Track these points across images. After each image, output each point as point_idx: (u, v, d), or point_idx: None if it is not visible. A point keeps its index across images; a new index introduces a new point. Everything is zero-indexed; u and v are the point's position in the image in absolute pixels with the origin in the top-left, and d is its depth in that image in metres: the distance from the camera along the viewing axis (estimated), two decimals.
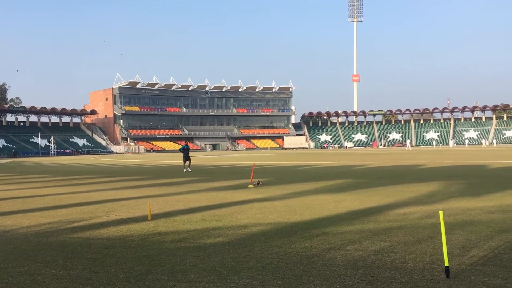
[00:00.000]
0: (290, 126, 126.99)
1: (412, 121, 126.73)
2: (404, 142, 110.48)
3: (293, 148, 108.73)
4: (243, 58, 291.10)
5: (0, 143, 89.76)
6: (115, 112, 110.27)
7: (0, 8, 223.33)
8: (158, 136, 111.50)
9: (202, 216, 9.34)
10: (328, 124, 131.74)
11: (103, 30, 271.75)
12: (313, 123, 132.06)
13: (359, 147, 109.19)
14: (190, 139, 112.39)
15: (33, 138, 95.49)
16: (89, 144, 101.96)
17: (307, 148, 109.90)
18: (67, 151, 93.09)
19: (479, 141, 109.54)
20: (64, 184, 18.78)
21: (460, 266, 5.29)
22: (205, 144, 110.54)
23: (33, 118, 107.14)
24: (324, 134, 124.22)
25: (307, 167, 27.73)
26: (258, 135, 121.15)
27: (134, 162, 44.12)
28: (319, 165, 30.12)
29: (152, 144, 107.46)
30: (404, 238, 6.79)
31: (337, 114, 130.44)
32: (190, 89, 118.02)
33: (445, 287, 4.61)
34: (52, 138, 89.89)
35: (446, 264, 4.91)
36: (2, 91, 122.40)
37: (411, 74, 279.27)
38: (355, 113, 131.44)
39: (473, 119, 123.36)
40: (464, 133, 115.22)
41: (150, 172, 26.02)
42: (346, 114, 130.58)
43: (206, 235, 7.36)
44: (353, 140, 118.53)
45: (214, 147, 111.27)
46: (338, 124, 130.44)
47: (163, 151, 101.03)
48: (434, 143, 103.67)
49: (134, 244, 6.87)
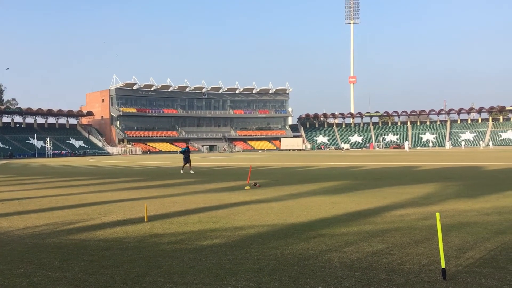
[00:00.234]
0: (287, 127, 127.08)
1: (408, 122, 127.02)
2: (401, 144, 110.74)
3: (290, 150, 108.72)
4: (240, 59, 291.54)
5: None
6: (111, 114, 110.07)
7: None
8: (154, 137, 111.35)
9: (199, 217, 9.33)
10: (325, 126, 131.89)
11: (99, 32, 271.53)
12: (310, 124, 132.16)
13: (355, 149, 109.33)
14: (187, 141, 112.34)
15: (29, 140, 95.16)
16: (85, 146, 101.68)
17: (304, 150, 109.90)
18: (64, 152, 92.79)
19: (475, 143, 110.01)
20: (60, 185, 18.72)
21: (457, 267, 5.30)
22: (201, 146, 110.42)
23: (29, 120, 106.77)
24: (321, 136, 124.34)
25: (304, 169, 27.75)
26: (255, 137, 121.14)
27: (130, 163, 44.04)
28: (316, 166, 30.14)
29: (149, 145, 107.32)
30: (401, 239, 6.80)
31: (333, 116, 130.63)
32: (187, 90, 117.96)
33: None
34: (48, 140, 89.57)
35: (443, 265, 4.92)
36: None
37: (408, 75, 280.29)
38: (351, 114, 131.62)
39: (469, 121, 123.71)
40: (460, 134, 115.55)
41: (147, 174, 25.98)
42: (342, 116, 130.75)
43: (203, 237, 7.35)
44: (349, 142, 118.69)
45: (211, 148, 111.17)
46: (334, 126, 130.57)
47: (160, 152, 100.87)
48: (431, 144, 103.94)
49: (130, 246, 6.85)
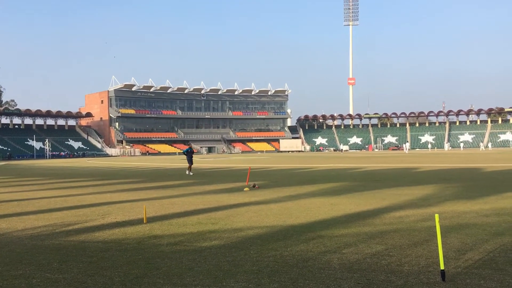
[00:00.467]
0: (286, 129, 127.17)
1: (407, 124, 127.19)
2: (400, 145, 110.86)
3: (288, 151, 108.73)
4: (239, 61, 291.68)
5: None
6: (110, 115, 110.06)
7: None
8: (153, 139, 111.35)
9: (198, 219, 9.32)
10: (324, 127, 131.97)
11: (99, 33, 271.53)
12: (308, 126, 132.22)
13: (354, 150, 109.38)
14: (185, 142, 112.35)
15: (28, 141, 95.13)
16: (84, 147, 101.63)
17: (302, 151, 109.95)
18: (62, 154, 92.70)
19: (474, 144, 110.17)
20: (59, 187, 18.71)
21: (456, 269, 5.31)
22: (200, 147, 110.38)
23: (28, 121, 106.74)
24: (319, 137, 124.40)
25: (302, 170, 27.75)
26: (254, 138, 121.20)
27: (129, 164, 44.01)
28: (315, 168, 30.15)
29: (148, 147, 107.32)
30: (400, 241, 6.81)
31: (332, 117, 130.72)
32: (186, 92, 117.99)
33: None
34: (47, 141, 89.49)
35: (442, 267, 4.92)
36: None
37: (407, 77, 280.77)
38: (350, 116, 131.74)
39: (468, 123, 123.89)
40: (459, 136, 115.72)
41: (146, 175, 25.96)
42: (341, 117, 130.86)
43: (202, 238, 7.35)
44: (348, 143, 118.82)
45: (210, 150, 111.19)
46: (333, 127, 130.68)
47: (159, 154, 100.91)
48: (430, 146, 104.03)
49: (129, 247, 6.84)
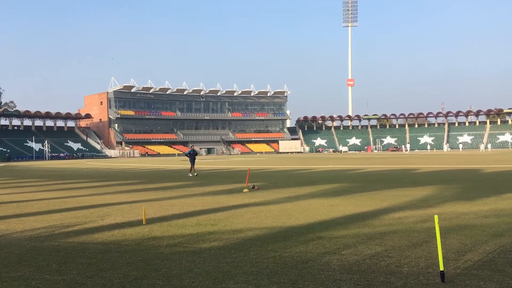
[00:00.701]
0: (285, 130, 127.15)
1: (406, 125, 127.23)
2: (399, 146, 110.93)
3: (288, 152, 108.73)
4: (239, 62, 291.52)
5: None
6: (110, 116, 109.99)
7: None
8: (153, 140, 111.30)
9: (197, 220, 9.32)
10: (323, 128, 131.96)
11: (98, 34, 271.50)
12: (308, 127, 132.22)
13: (354, 151, 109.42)
14: (185, 143, 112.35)
15: (27, 142, 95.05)
16: (83, 148, 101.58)
17: (302, 152, 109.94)
18: (62, 155, 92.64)
19: (473, 145, 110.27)
20: (59, 188, 18.70)
21: (455, 270, 5.31)
22: (200, 148, 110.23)
23: (27, 122, 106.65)
24: (319, 138, 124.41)
25: (302, 171, 27.75)
26: (253, 139, 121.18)
27: (128, 166, 43.99)
28: (314, 169, 30.15)
29: (147, 148, 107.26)
30: (399, 242, 6.81)
31: (332, 119, 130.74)
32: (185, 93, 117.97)
33: None
34: (46, 142, 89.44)
35: (441, 268, 4.92)
36: None
37: (406, 78, 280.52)
38: (349, 117, 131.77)
39: (467, 124, 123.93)
40: (458, 137, 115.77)
41: (145, 176, 25.95)
42: (341, 119, 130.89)
43: (201, 240, 7.35)
44: (348, 144, 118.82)
45: (209, 151, 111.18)
46: (333, 128, 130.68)
47: (158, 155, 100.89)
48: (429, 147, 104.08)
49: (129, 248, 6.84)
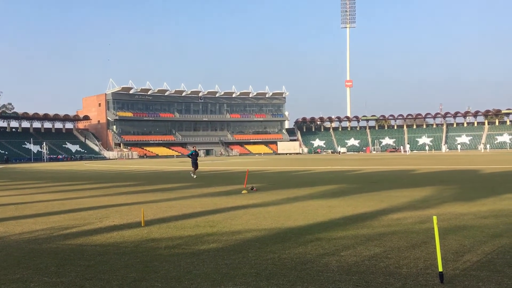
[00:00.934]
0: (284, 131, 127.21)
1: (405, 126, 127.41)
2: (397, 147, 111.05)
3: (286, 154, 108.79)
4: (237, 63, 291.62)
5: None
6: (108, 118, 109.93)
7: None
8: (151, 141, 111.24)
9: (196, 222, 9.31)
10: (322, 130, 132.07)
11: (96, 35, 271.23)
12: (306, 128, 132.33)
13: (352, 152, 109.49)
14: (183, 145, 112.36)
15: (25, 144, 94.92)
16: (82, 150, 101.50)
17: (300, 154, 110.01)
18: (60, 157, 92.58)
19: (471, 146, 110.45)
20: (57, 190, 18.67)
21: (454, 271, 5.31)
22: (198, 150, 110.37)
23: (25, 124, 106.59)
24: (317, 139, 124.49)
25: (300, 173, 27.76)
26: (251, 141, 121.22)
27: (127, 167, 43.96)
28: (313, 170, 30.16)
29: (146, 149, 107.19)
30: (398, 243, 6.81)
31: (330, 120, 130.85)
32: (183, 94, 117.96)
33: None
34: (44, 144, 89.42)
35: (440, 269, 4.92)
36: None
37: (404, 79, 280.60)
38: (348, 118, 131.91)
39: (465, 124, 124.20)
40: (456, 138, 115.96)
41: (144, 178, 25.93)
42: (339, 120, 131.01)
43: (200, 241, 7.34)
44: (346, 145, 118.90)
45: (208, 152, 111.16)
46: (331, 129, 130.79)
47: (157, 156, 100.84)
48: (427, 148, 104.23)
49: (127, 250, 6.83)
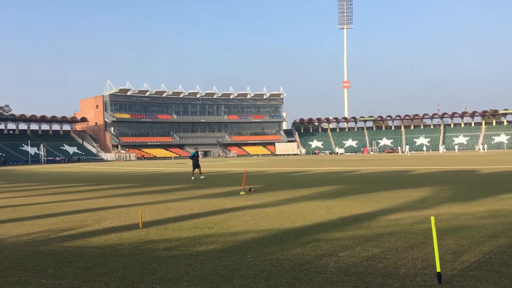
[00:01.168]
0: (282, 132, 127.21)
1: (402, 127, 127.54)
2: (395, 148, 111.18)
3: (284, 155, 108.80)
4: (234, 65, 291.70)
5: None
6: (105, 120, 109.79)
7: None
8: (149, 143, 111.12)
9: (194, 223, 9.31)
10: (319, 131, 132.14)
11: (94, 37, 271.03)
12: (304, 129, 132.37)
13: (350, 153, 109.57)
14: (181, 146, 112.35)
15: (22, 146, 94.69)
16: (79, 152, 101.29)
17: (298, 155, 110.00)
18: (57, 159, 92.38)
19: (469, 146, 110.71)
20: (55, 192, 18.63)
21: (452, 271, 5.32)
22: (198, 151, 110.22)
23: (22, 126, 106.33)
24: (315, 141, 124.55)
25: (298, 174, 27.77)
26: (249, 142, 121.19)
27: (125, 169, 43.91)
28: (311, 171, 30.17)
29: (143, 151, 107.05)
30: (396, 244, 6.82)
31: (328, 121, 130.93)
32: (181, 96, 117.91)
33: None
34: (42, 146, 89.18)
35: (438, 269, 4.93)
36: None
37: (401, 80, 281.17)
38: (346, 119, 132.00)
39: (462, 125, 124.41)
40: (454, 138, 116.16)
41: (141, 180, 25.90)
42: (337, 121, 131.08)
43: (198, 243, 7.33)
44: (344, 146, 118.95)
45: (206, 154, 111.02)
46: (329, 130, 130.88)
47: (154, 158, 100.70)
48: (425, 148, 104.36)
49: (125, 252, 6.82)
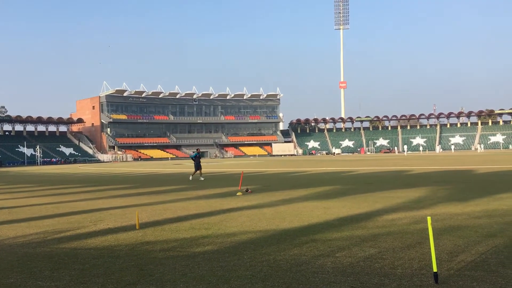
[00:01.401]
0: (278, 133, 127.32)
1: (399, 127, 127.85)
2: (392, 148, 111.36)
3: (281, 155, 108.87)
4: (231, 65, 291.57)
5: None
6: (102, 121, 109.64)
7: None
8: (145, 144, 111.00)
9: (191, 224, 9.29)
10: (316, 131, 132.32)
11: (90, 38, 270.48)
12: (301, 130, 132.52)
13: (347, 154, 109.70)
14: (178, 147, 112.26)
15: (18, 148, 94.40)
16: (76, 153, 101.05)
17: (295, 155, 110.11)
18: (54, 160, 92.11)
19: (465, 146, 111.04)
20: (51, 193, 18.57)
21: (449, 271, 5.33)
22: (193, 152, 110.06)
23: (18, 127, 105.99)
24: (312, 141, 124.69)
25: (295, 174, 27.78)
26: (246, 142, 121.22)
27: (121, 170, 43.82)
28: (308, 171, 30.18)
29: (140, 152, 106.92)
30: (393, 244, 6.83)
31: (324, 121, 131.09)
32: (177, 96, 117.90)
33: None
34: (38, 147, 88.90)
35: (435, 269, 4.94)
36: None
37: (398, 80, 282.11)
38: (342, 119, 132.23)
39: (458, 125, 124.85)
40: (450, 138, 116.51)
41: (138, 181, 25.85)
42: (333, 121, 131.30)
43: (195, 244, 7.32)
44: (341, 147, 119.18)
45: (202, 154, 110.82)
46: (325, 131, 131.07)
47: (151, 159, 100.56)
48: (421, 148, 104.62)
49: (122, 254, 6.80)
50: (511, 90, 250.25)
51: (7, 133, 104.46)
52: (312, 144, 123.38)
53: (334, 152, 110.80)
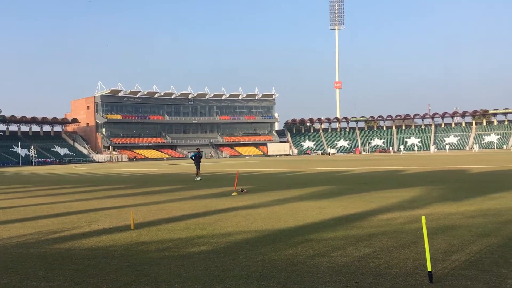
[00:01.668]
0: (274, 133, 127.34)
1: (394, 127, 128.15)
2: (387, 148, 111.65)
3: (276, 155, 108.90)
4: (226, 65, 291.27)
5: None
6: (97, 121, 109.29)
7: None
8: (141, 144, 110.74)
9: (186, 224, 9.29)
10: (311, 131, 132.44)
11: (86, 38, 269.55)
12: (296, 130, 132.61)
13: (342, 153, 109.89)
14: (173, 147, 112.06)
15: (13, 148, 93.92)
16: (70, 153, 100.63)
17: (290, 155, 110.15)
18: (48, 160, 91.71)
19: (459, 146, 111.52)
20: (45, 194, 18.49)
21: (443, 270, 5.35)
22: (188, 152, 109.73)
23: (13, 127, 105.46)
24: (307, 141, 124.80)
25: (290, 174, 27.80)
26: (241, 142, 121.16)
27: (116, 170, 43.70)
28: (303, 171, 30.22)
29: (135, 152, 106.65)
30: (388, 243, 6.85)
31: (320, 121, 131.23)
32: (173, 97, 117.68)
33: None
34: (32, 148, 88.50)
35: (429, 269, 4.96)
36: None
37: (393, 80, 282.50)
38: (337, 119, 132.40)
39: (453, 125, 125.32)
40: (444, 138, 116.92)
41: (133, 181, 25.80)
42: (329, 121, 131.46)
43: (190, 244, 7.32)
44: (336, 147, 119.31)
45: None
46: (321, 131, 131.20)
47: (146, 159, 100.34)
48: (416, 148, 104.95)
49: (117, 254, 6.79)
50: (505, 90, 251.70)
51: (1, 133, 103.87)
52: (307, 144, 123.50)
53: (330, 152, 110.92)
